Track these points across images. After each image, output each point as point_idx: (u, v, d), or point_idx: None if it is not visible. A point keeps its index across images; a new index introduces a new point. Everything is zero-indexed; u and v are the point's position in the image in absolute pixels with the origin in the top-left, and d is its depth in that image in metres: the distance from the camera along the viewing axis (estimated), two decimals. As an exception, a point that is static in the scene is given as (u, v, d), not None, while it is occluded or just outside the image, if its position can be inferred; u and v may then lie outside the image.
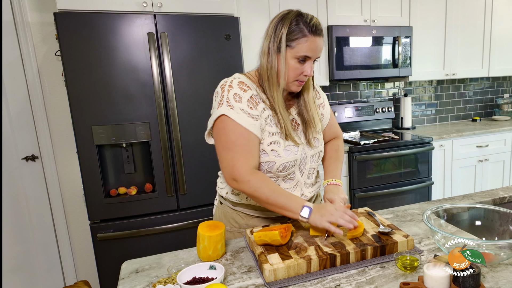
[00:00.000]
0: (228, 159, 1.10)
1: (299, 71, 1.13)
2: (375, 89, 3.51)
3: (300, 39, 1.09)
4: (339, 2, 2.85)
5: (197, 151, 2.16)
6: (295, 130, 1.22)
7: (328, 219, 1.03)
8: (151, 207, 2.12)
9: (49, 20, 2.32)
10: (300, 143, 1.19)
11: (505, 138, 3.32)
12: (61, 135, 2.44)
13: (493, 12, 3.40)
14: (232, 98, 1.10)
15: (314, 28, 1.10)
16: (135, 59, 1.98)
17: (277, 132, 1.15)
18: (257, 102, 1.13)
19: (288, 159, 1.16)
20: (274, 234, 1.00)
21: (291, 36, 1.09)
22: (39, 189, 2.42)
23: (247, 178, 1.08)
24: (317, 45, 1.11)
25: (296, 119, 1.23)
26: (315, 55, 1.13)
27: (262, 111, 1.14)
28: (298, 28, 1.09)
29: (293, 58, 1.11)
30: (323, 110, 1.34)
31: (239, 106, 1.10)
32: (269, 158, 1.14)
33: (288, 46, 1.10)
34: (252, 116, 1.11)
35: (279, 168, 1.16)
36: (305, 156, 1.22)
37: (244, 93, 1.11)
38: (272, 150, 1.14)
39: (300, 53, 1.10)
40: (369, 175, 2.80)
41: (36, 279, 2.44)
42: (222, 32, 2.12)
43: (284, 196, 1.09)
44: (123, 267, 1.09)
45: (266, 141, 1.14)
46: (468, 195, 1.53)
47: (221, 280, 0.90)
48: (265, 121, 1.14)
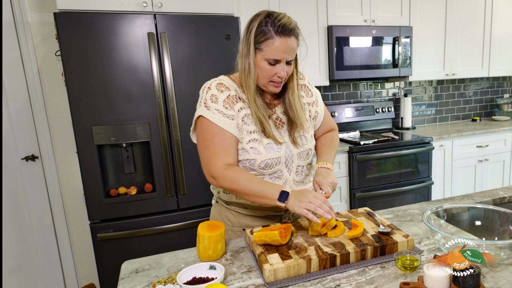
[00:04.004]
0: (205, 157, 1.15)
1: (272, 73, 1.12)
2: (375, 89, 3.51)
3: (267, 41, 1.07)
4: (339, 2, 2.85)
5: (197, 151, 2.15)
6: (279, 129, 1.21)
7: (305, 206, 1.02)
8: (151, 207, 2.12)
9: (49, 20, 2.32)
10: (282, 141, 1.19)
11: (505, 138, 3.32)
12: (61, 135, 2.44)
13: (493, 12, 3.40)
14: (209, 99, 1.14)
15: (281, 28, 1.07)
16: (135, 59, 1.98)
17: (256, 131, 1.16)
18: (234, 102, 1.15)
19: (269, 156, 1.16)
20: (274, 234, 1.00)
21: (259, 38, 1.08)
22: (39, 189, 2.42)
23: (222, 173, 1.10)
24: (286, 46, 1.08)
25: (281, 118, 1.23)
26: (285, 57, 1.10)
27: (239, 110, 1.15)
28: (266, 29, 1.07)
29: (263, 60, 1.10)
30: (317, 107, 1.33)
31: (214, 106, 1.13)
32: (249, 155, 1.16)
33: (257, 49, 1.09)
34: (227, 116, 1.13)
35: (260, 165, 1.16)
36: (291, 154, 1.22)
37: (220, 94, 1.14)
38: (252, 147, 1.16)
39: (268, 55, 1.09)
40: (369, 175, 2.80)
41: (36, 279, 2.44)
42: (222, 32, 2.12)
43: (261, 184, 1.09)
44: (123, 267, 1.09)
45: (245, 139, 1.16)
46: (468, 195, 1.53)
47: (221, 280, 0.90)
48: (242, 120, 1.16)
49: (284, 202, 1.05)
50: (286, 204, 1.05)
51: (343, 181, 2.79)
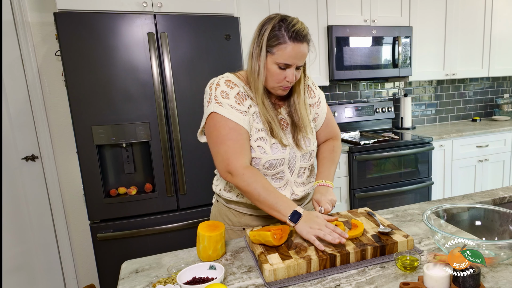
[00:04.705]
0: (222, 153, 1.12)
1: (281, 77, 1.12)
2: (375, 89, 3.51)
3: (280, 46, 1.08)
4: (339, 2, 2.85)
5: (197, 151, 2.16)
6: (283, 130, 1.22)
7: (315, 233, 1.00)
8: (151, 207, 2.12)
9: (49, 20, 2.32)
10: (287, 144, 1.20)
11: (505, 138, 3.32)
12: (61, 135, 2.44)
13: (493, 12, 3.40)
14: (220, 95, 1.13)
15: (295, 34, 1.07)
16: (135, 59, 1.98)
17: (263, 129, 1.17)
18: (244, 99, 1.16)
19: (274, 156, 1.17)
20: (266, 234, 1.00)
21: (271, 42, 1.09)
22: (39, 189, 2.42)
23: (242, 171, 1.09)
24: (298, 52, 1.09)
25: (286, 119, 1.23)
26: (296, 63, 1.11)
27: (249, 107, 1.16)
28: (279, 34, 1.08)
29: (273, 64, 1.11)
30: (318, 109, 1.32)
31: (227, 102, 1.13)
32: (255, 154, 1.16)
33: (269, 52, 1.10)
34: (240, 111, 1.14)
35: (265, 165, 1.17)
36: (294, 155, 1.22)
37: (231, 90, 1.14)
38: (259, 146, 1.16)
39: (280, 60, 1.09)
40: (369, 175, 2.80)
41: (36, 279, 2.44)
42: (222, 32, 2.12)
43: (276, 196, 1.08)
44: (123, 267, 1.09)
45: (253, 137, 1.16)
46: (468, 195, 1.53)
47: (221, 280, 0.90)
48: (252, 117, 1.16)
49: (294, 223, 1.04)
50: (296, 225, 1.04)
51: (343, 181, 2.79)
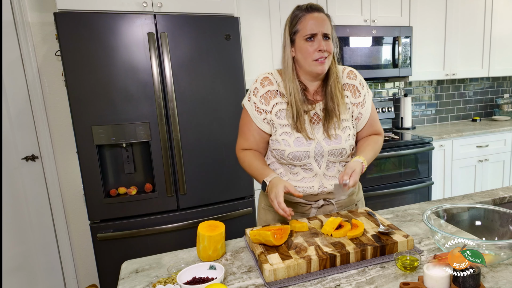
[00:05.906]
0: (238, 137, 1.38)
1: (312, 49, 1.20)
2: (375, 89, 3.51)
3: (299, 20, 1.21)
4: (339, 2, 2.85)
5: (197, 151, 2.16)
6: (313, 125, 1.26)
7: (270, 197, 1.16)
8: (151, 207, 2.12)
9: (49, 20, 2.32)
10: (313, 138, 1.24)
11: (505, 138, 3.32)
12: (61, 135, 2.44)
13: (493, 12, 3.40)
14: (252, 91, 1.30)
15: (309, 7, 1.21)
16: (135, 59, 1.98)
17: (288, 124, 1.26)
18: (272, 97, 1.27)
19: (297, 149, 1.24)
20: (266, 234, 1.01)
21: (293, 23, 1.22)
22: (39, 189, 2.42)
23: (238, 154, 1.38)
24: (317, 18, 1.19)
25: (319, 114, 1.27)
26: (320, 30, 1.19)
27: (273, 106, 1.27)
28: (297, 13, 1.23)
29: (302, 40, 1.20)
30: (361, 109, 1.33)
31: (254, 99, 1.29)
32: (280, 146, 1.27)
33: (295, 33, 1.22)
34: (259, 110, 1.28)
35: (289, 156, 1.25)
36: (322, 150, 1.25)
37: (262, 88, 1.28)
38: (283, 139, 1.26)
39: (304, 32, 1.19)
40: (369, 175, 2.80)
41: (36, 279, 2.44)
42: (222, 32, 2.12)
43: (256, 170, 1.29)
44: (123, 267, 1.09)
45: (279, 132, 1.27)
46: (468, 195, 1.53)
47: (221, 280, 0.90)
48: (275, 115, 1.27)
49: (264, 190, 1.23)
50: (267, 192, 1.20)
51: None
